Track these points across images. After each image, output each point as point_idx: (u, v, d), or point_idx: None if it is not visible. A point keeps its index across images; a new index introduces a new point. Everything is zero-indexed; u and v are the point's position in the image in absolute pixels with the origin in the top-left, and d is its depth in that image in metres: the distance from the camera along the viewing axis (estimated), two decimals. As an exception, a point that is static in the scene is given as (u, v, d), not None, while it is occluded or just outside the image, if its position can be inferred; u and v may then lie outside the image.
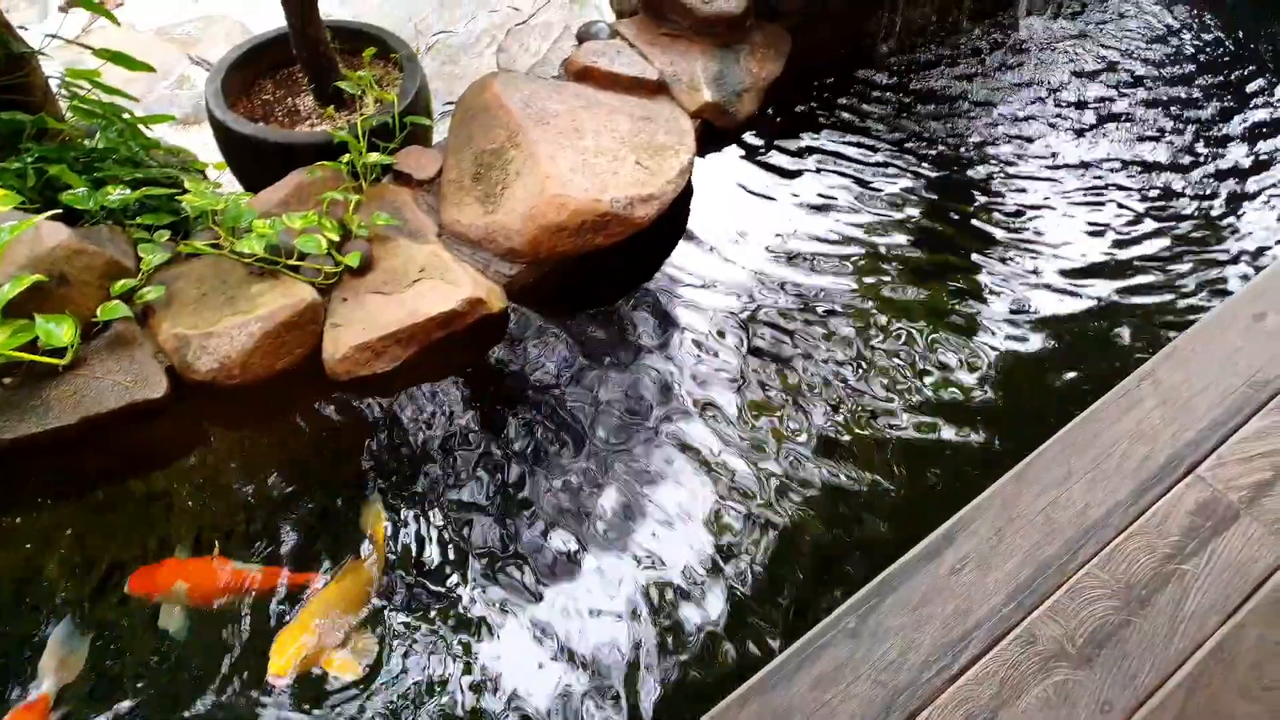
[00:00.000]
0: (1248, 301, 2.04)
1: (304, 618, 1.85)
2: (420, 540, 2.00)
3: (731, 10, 2.93)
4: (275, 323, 2.15)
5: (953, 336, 2.38)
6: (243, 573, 1.93)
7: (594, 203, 2.36)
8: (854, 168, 2.87)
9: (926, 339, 2.38)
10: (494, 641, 1.86)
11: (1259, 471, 1.72)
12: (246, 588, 1.91)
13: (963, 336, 2.38)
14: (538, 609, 1.90)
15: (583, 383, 2.28)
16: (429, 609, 1.90)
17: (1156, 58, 3.29)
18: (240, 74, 2.77)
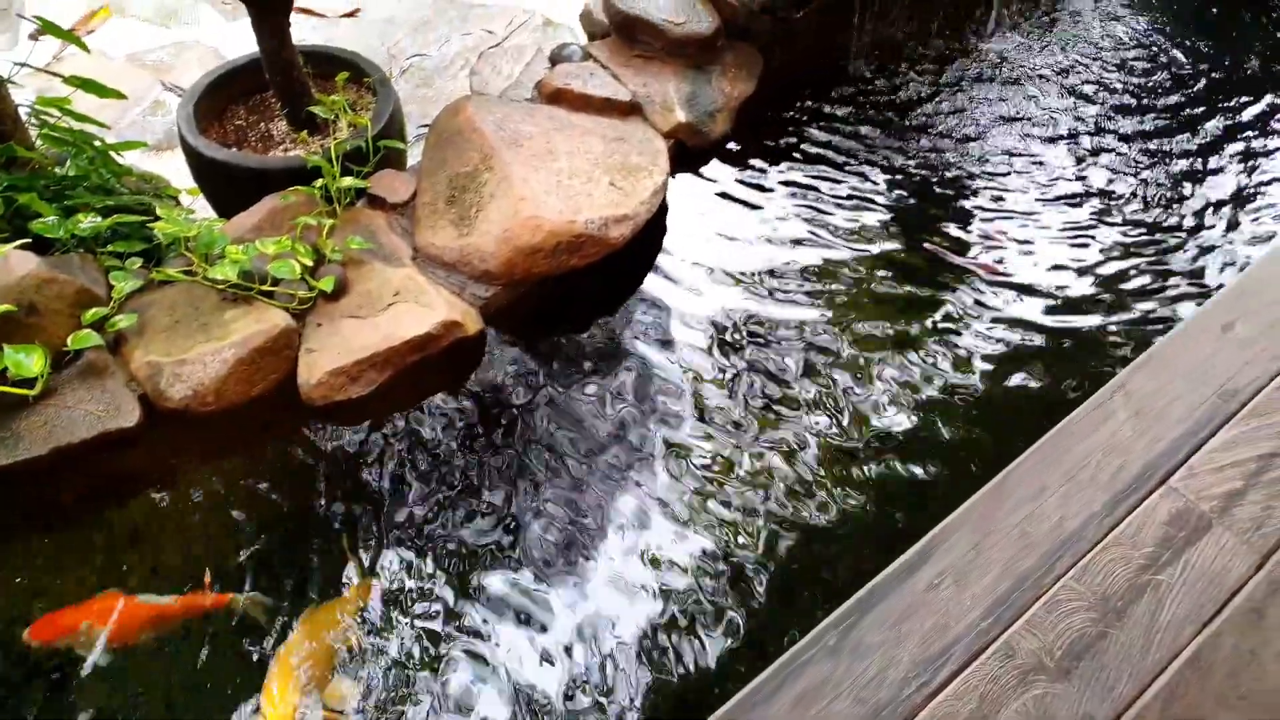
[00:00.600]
0: (1216, 312, 2.06)
1: (283, 662, 1.82)
2: (393, 571, 1.98)
3: (702, 31, 2.95)
4: (249, 349, 2.14)
5: (927, 365, 2.39)
6: (156, 605, 1.87)
7: (568, 224, 2.37)
8: (827, 186, 2.90)
9: (898, 367, 2.38)
10: (468, 674, 1.84)
11: (1230, 481, 1.74)
12: (165, 619, 1.85)
13: (939, 364, 2.39)
14: (514, 641, 1.88)
15: (559, 407, 2.28)
16: (403, 641, 1.88)
17: (1124, 74, 3.34)
18: (213, 99, 2.76)
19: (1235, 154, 3.00)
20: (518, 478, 2.14)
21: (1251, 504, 1.71)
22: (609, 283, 2.57)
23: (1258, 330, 1.99)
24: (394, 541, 2.03)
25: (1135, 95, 3.24)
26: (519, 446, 2.20)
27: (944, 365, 2.37)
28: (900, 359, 2.38)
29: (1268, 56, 3.39)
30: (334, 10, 4.06)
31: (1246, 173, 2.93)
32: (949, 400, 2.30)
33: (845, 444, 2.21)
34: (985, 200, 2.85)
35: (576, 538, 2.04)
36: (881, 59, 3.36)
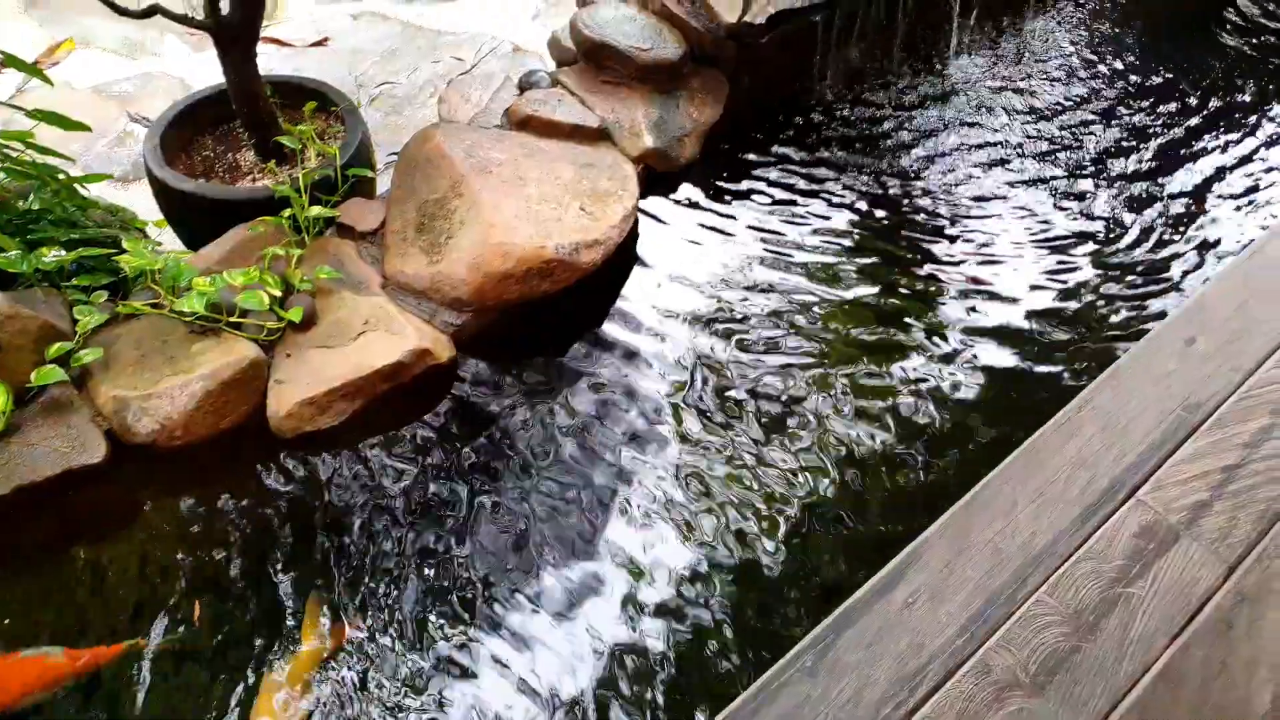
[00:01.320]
0: (1178, 327, 2.09)
1: None
2: (363, 609, 1.95)
3: (669, 57, 2.98)
4: (218, 381, 2.12)
5: (905, 393, 2.40)
6: (38, 660, 1.75)
7: (539, 250, 2.37)
8: (793, 207, 2.92)
9: (874, 389, 2.39)
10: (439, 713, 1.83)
11: (1196, 493, 1.76)
12: (52, 679, 1.74)
13: (916, 388, 2.40)
14: (487, 680, 1.87)
15: (532, 435, 2.27)
16: (370, 684, 1.85)
17: (1085, 93, 3.40)
18: (179, 130, 2.74)
19: (1196, 170, 3.06)
20: (489, 508, 2.13)
21: (1217, 515, 1.73)
22: (582, 307, 2.58)
23: (1217, 344, 2.02)
24: (363, 578, 2.00)
25: (1097, 114, 3.30)
26: (491, 476, 2.19)
27: (916, 385, 2.39)
28: (870, 376, 2.40)
29: (1230, 74, 3.47)
30: (302, 40, 4.06)
31: (1206, 188, 2.99)
32: (919, 426, 2.31)
33: (812, 470, 2.22)
34: (953, 214, 2.89)
35: (549, 573, 2.02)
36: (846, 82, 3.41)
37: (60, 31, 4.07)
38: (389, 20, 4.21)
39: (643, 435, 2.27)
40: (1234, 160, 3.10)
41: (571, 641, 1.91)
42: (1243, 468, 1.80)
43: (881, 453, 2.23)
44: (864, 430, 2.28)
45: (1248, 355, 2.01)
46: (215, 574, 2.00)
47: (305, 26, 4.16)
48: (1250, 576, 1.64)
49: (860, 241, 2.81)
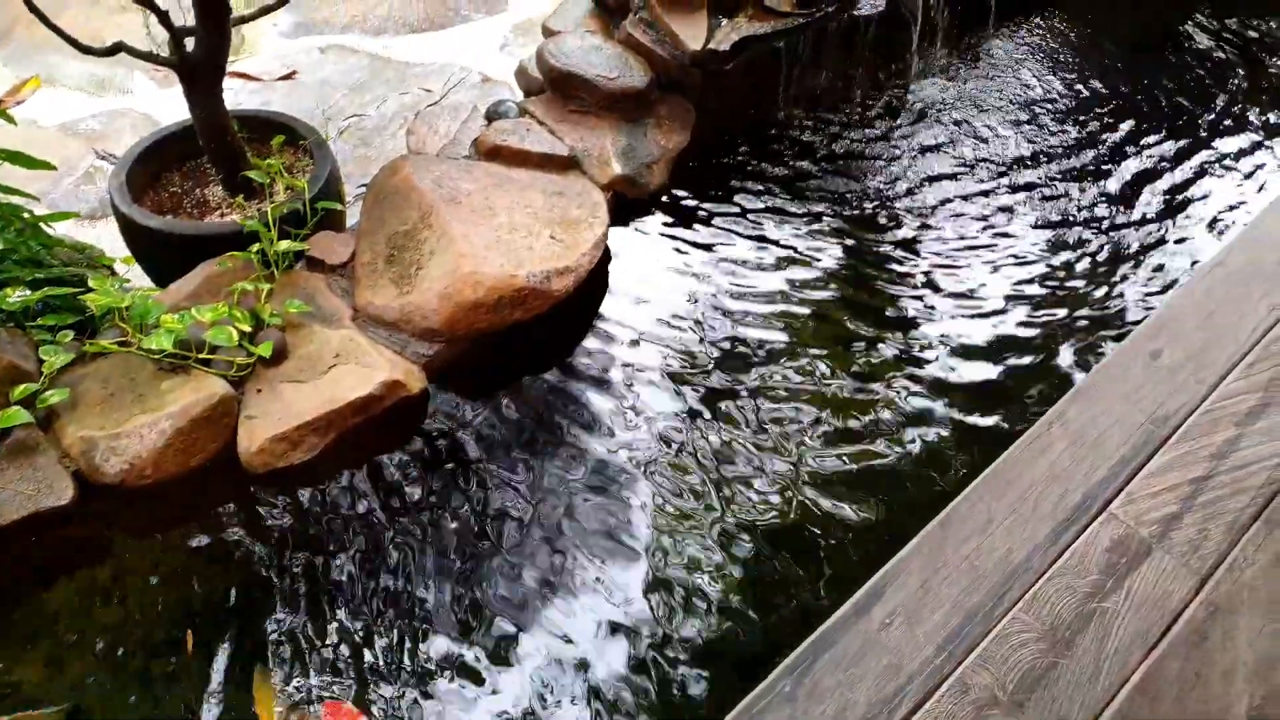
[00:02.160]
0: (1144, 340, 2.12)
1: None
2: (331, 663, 1.92)
3: (636, 85, 3.00)
4: (187, 419, 2.10)
5: (879, 414, 2.41)
6: None
7: (510, 278, 2.37)
8: (762, 230, 2.94)
9: (842, 411, 2.40)
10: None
11: (1166, 505, 1.78)
12: None
13: (894, 414, 2.41)
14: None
15: (505, 466, 2.25)
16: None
17: (1044, 113, 3.46)
18: (146, 167, 2.73)
19: (1158, 183, 3.11)
20: (460, 542, 2.11)
21: (1188, 527, 1.74)
22: (555, 334, 2.58)
23: (1183, 357, 2.05)
24: (327, 627, 1.97)
25: (1061, 131, 3.35)
26: (462, 509, 2.17)
27: (886, 410, 2.40)
28: (841, 400, 2.41)
29: (1192, 91, 3.53)
30: (270, 74, 4.06)
31: (1169, 201, 3.04)
32: (892, 453, 2.32)
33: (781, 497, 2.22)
34: (918, 237, 2.92)
35: (518, 614, 2.00)
36: (811, 107, 3.45)
37: (25, 69, 4.05)
38: (357, 53, 4.23)
39: (615, 467, 2.26)
40: (1195, 174, 3.15)
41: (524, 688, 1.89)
42: (1211, 479, 1.82)
43: (850, 483, 2.23)
44: (835, 458, 2.29)
45: (1212, 367, 2.04)
46: (183, 616, 1.97)
47: (272, 61, 4.16)
48: (1222, 587, 1.65)
49: (829, 262, 2.83)
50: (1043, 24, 3.90)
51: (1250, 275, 2.23)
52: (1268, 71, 3.63)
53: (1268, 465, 1.84)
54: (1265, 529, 1.74)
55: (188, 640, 1.91)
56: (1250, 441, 1.89)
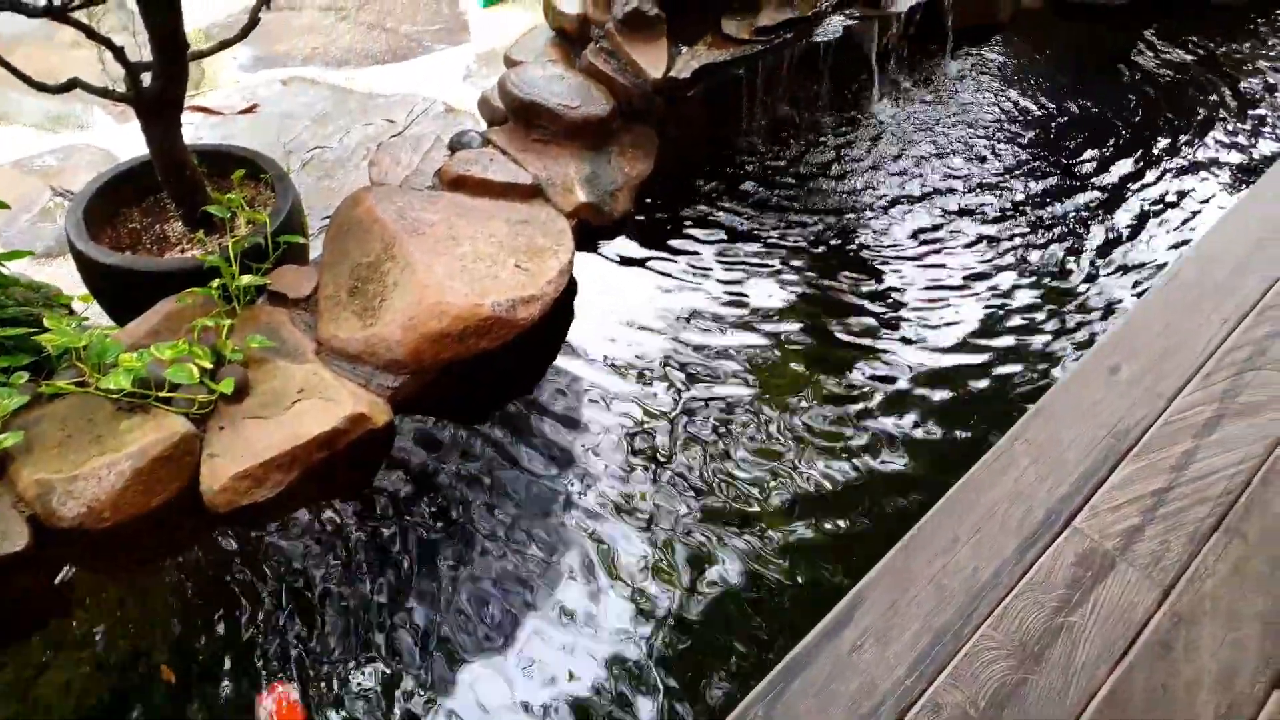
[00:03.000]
0: (1102, 356, 2.15)
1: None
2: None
3: (598, 114, 3.02)
4: (147, 459, 2.07)
5: (847, 441, 2.42)
6: None
7: (475, 307, 2.37)
8: (726, 254, 2.97)
9: (810, 441, 2.41)
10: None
11: (1128, 518, 1.80)
12: None
13: (862, 442, 2.42)
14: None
15: (470, 499, 2.24)
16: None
17: (1004, 131, 3.52)
18: (104, 203, 2.70)
19: (1108, 205, 3.17)
20: (426, 579, 2.09)
21: (1150, 539, 1.76)
22: (522, 362, 2.57)
23: (1141, 371, 2.08)
24: (300, 663, 1.95)
25: (1018, 152, 3.41)
26: (427, 549, 2.15)
27: (855, 437, 2.41)
28: (808, 427, 2.42)
29: (1143, 111, 3.61)
30: (231, 108, 4.04)
31: (1124, 218, 3.09)
32: (861, 476, 2.32)
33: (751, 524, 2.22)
34: (879, 257, 2.95)
35: (485, 651, 1.98)
36: (772, 131, 3.48)
37: (-20, 108, 4.02)
38: (319, 85, 4.23)
39: (582, 501, 2.24)
40: (1147, 192, 3.21)
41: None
42: (1171, 491, 1.85)
43: (825, 506, 2.23)
44: (808, 482, 2.29)
45: (1169, 380, 2.07)
46: (145, 661, 1.93)
47: (234, 94, 4.15)
48: (1184, 598, 1.67)
49: (793, 284, 2.85)
50: (998, 49, 3.98)
51: (1202, 290, 2.27)
52: (1214, 91, 3.71)
53: (1225, 475, 1.87)
54: (1225, 538, 1.76)
55: (166, 673, 1.87)
56: (1208, 452, 1.91)
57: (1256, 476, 1.87)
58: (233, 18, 4.56)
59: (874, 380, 2.53)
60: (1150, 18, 4.06)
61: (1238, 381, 2.06)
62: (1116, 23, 4.05)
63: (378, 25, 4.67)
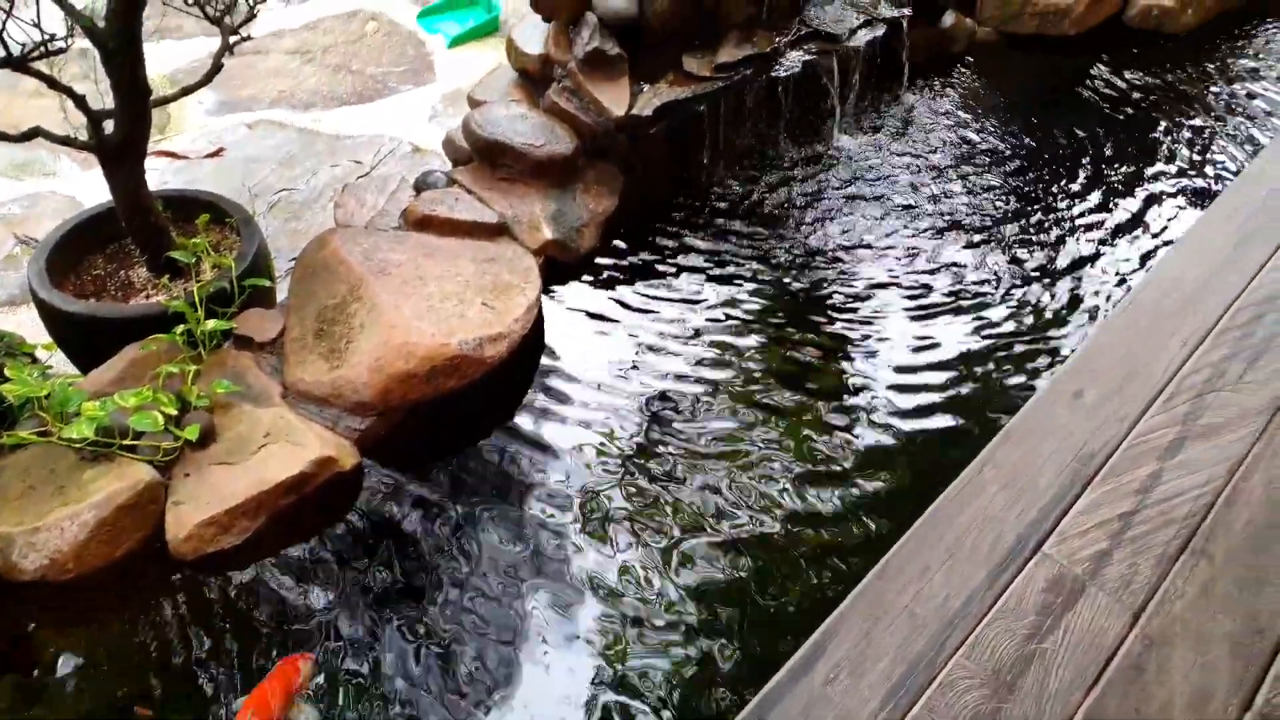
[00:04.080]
0: (1066, 380, 2.18)
1: None
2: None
3: (563, 152, 3.05)
4: (111, 508, 2.04)
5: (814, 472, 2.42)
6: None
7: (442, 347, 2.36)
8: (692, 287, 2.99)
9: (785, 474, 2.41)
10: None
11: (1097, 542, 1.81)
12: None
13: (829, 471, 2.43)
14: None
15: (439, 545, 2.22)
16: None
17: (963, 160, 3.57)
18: (68, 250, 2.68)
19: (1067, 232, 3.22)
20: (393, 629, 2.06)
21: (1119, 563, 1.77)
22: (490, 400, 2.56)
23: (1104, 395, 2.10)
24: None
25: (977, 180, 3.46)
26: (397, 594, 2.12)
27: (821, 465, 2.41)
28: (775, 463, 2.43)
29: (1097, 138, 3.68)
30: (197, 152, 4.03)
31: (1082, 248, 3.14)
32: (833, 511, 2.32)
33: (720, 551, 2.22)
34: (843, 288, 2.97)
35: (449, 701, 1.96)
36: (736, 166, 3.52)
37: (-59, 157, 3.98)
38: (285, 128, 4.22)
39: (550, 545, 2.22)
40: (1107, 217, 3.27)
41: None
42: (1138, 514, 1.86)
43: (786, 547, 2.23)
44: (770, 523, 2.29)
45: (1132, 403, 2.09)
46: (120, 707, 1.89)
47: (200, 138, 4.14)
48: (1154, 621, 1.68)
49: (759, 315, 2.87)
50: (954, 81, 4.05)
51: (1160, 314, 2.31)
52: (1166, 119, 3.80)
53: (1189, 497, 1.89)
54: (1192, 560, 1.78)
55: (141, 712, 1.83)
56: (1172, 475, 1.94)
57: (1220, 498, 1.89)
58: (198, 63, 4.56)
59: (846, 410, 2.54)
60: (1102, 48, 4.16)
61: (1198, 404, 2.09)
62: (1069, 53, 4.14)
63: (344, 67, 4.68)
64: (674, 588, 2.12)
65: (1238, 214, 2.65)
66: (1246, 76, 4.03)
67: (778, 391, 2.61)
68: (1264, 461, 1.97)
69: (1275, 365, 2.18)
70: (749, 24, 3.42)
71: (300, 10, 5.05)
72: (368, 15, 5.15)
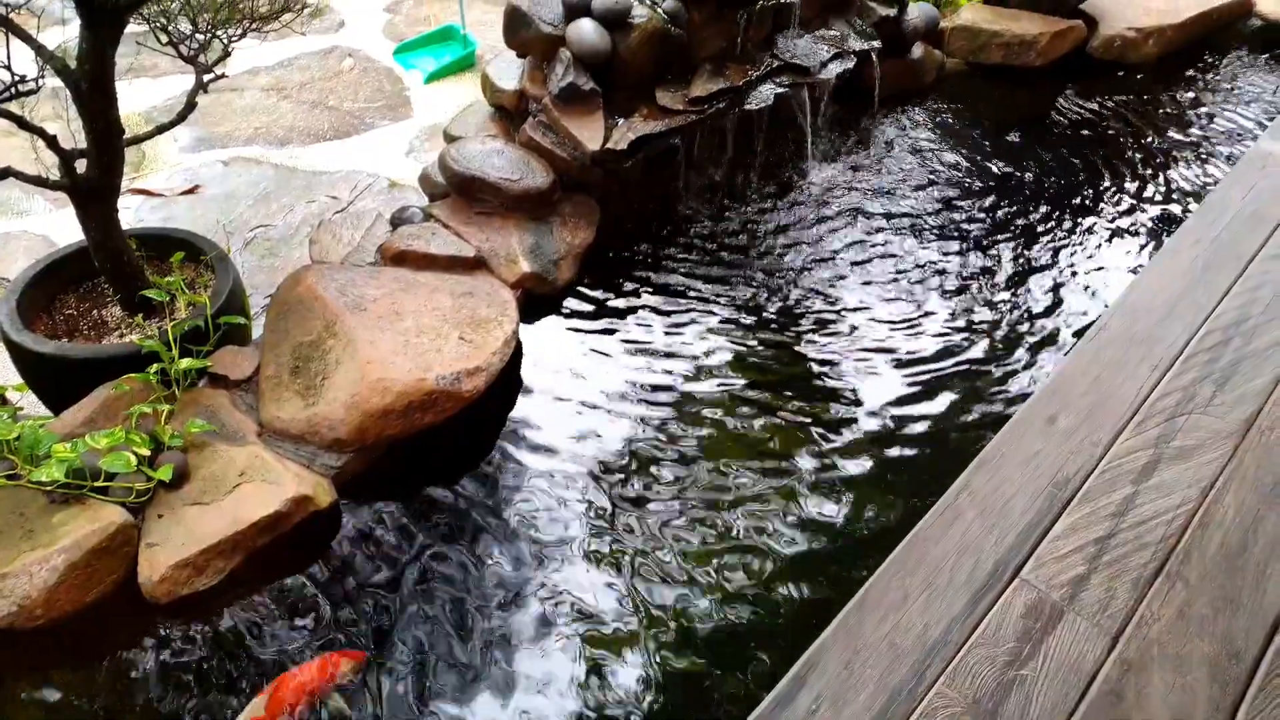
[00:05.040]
0: (1040, 406, 2.20)
1: None
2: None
3: (539, 186, 3.06)
4: (82, 551, 2.01)
5: (788, 502, 2.42)
6: None
7: (419, 382, 2.35)
8: (669, 318, 3.00)
9: (760, 505, 2.41)
10: None
11: (1074, 567, 1.82)
12: None
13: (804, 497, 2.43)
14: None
15: (418, 581, 2.19)
16: None
17: (935, 189, 3.62)
18: (40, 290, 2.66)
19: (1038, 258, 3.26)
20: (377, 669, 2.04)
21: (1095, 587, 1.78)
22: (469, 435, 2.55)
23: (1077, 420, 2.13)
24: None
25: (950, 208, 3.51)
26: (374, 634, 2.10)
27: (795, 501, 2.41)
28: (757, 488, 2.43)
29: (1065, 165, 3.74)
30: (172, 189, 4.02)
31: (1055, 271, 3.18)
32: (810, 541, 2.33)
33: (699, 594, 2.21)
34: (820, 318, 2.99)
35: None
36: (711, 197, 3.55)
37: (-88, 197, 3.95)
38: (262, 164, 4.22)
39: (523, 583, 2.21)
40: (1076, 244, 3.32)
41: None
42: (1113, 538, 1.88)
43: (762, 578, 2.23)
44: (751, 554, 2.29)
45: (1105, 428, 2.11)
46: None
47: (175, 175, 4.13)
48: (1132, 645, 1.69)
49: (736, 344, 2.88)
50: (924, 112, 4.12)
51: (1129, 339, 2.34)
52: (1131, 148, 3.87)
53: (1164, 520, 1.90)
54: (1167, 583, 1.79)
55: None
56: (1146, 498, 1.95)
57: (1194, 520, 1.91)
58: (173, 100, 4.56)
59: (816, 440, 2.55)
60: (1068, 78, 4.24)
61: (1169, 427, 2.11)
62: (1037, 83, 4.21)
63: (320, 103, 4.70)
64: (652, 630, 2.10)
65: (1203, 239, 2.70)
66: (1207, 104, 4.11)
67: (756, 420, 2.61)
68: (1235, 483, 1.99)
69: (1244, 388, 2.22)
70: (721, 58, 3.47)
71: (276, 47, 5.06)
72: (344, 52, 5.18)
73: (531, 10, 3.29)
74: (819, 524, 2.32)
